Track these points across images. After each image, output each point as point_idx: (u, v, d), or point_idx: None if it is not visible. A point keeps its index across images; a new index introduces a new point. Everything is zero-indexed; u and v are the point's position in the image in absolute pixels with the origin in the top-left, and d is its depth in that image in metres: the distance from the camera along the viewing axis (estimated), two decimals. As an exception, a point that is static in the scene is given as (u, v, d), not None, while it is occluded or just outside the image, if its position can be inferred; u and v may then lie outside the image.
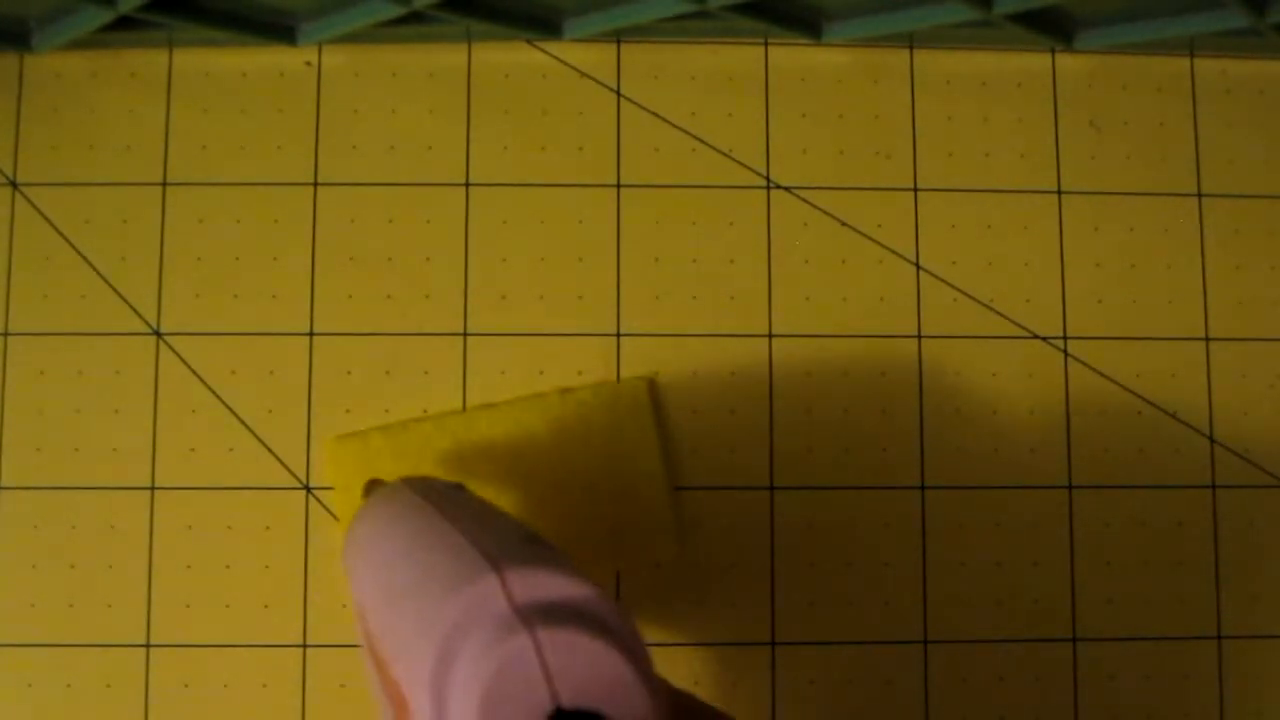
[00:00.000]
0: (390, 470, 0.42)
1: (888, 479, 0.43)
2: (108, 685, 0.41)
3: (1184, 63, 0.46)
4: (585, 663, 0.22)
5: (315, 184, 0.44)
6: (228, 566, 0.42)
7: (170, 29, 0.43)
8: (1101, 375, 0.44)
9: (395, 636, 0.25)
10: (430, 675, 0.22)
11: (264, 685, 0.42)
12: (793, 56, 0.45)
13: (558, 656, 0.21)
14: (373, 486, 0.39)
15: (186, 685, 0.42)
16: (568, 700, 0.21)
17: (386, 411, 0.43)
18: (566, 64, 0.45)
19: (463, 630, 0.22)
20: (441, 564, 0.25)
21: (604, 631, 0.22)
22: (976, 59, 0.45)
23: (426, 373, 0.43)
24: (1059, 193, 0.45)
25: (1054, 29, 0.44)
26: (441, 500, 0.31)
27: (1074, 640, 0.43)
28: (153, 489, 0.42)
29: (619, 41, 0.45)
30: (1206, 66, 0.46)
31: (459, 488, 0.34)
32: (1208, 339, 0.45)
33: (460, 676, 0.21)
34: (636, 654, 0.22)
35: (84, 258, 0.43)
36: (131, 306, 0.43)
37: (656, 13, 0.42)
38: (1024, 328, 0.44)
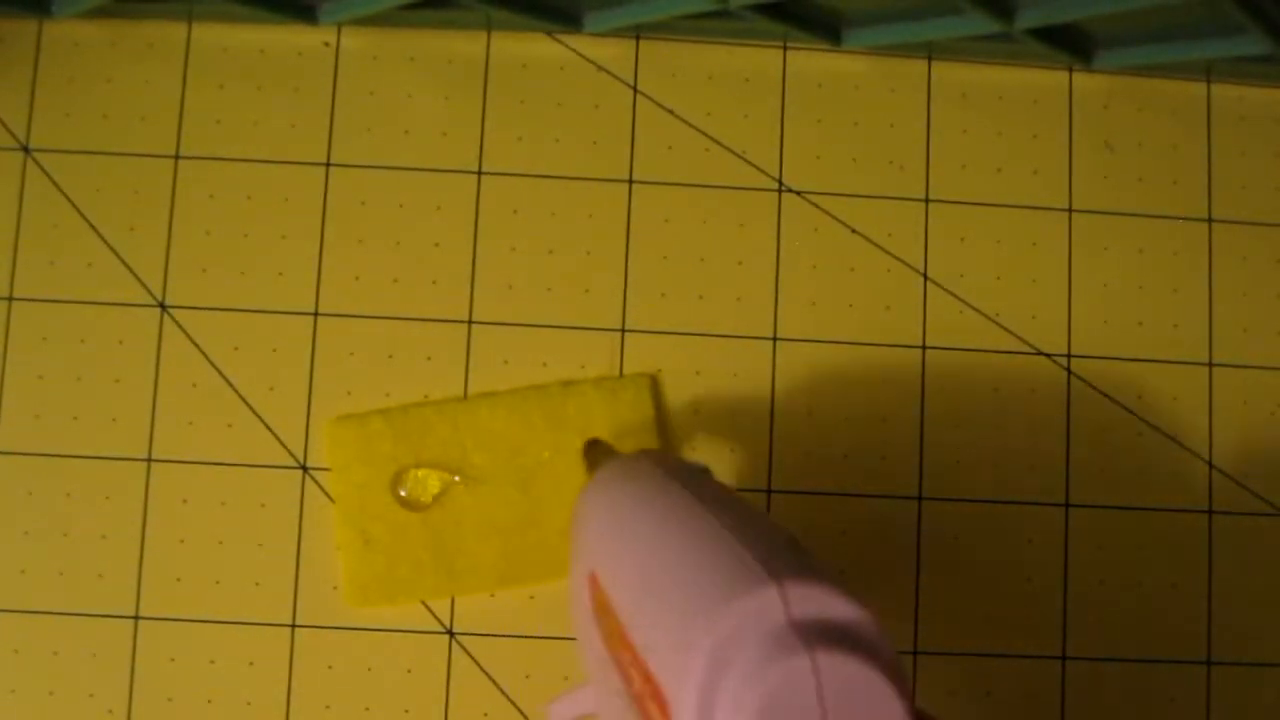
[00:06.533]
0: (388, 454, 0.42)
1: (885, 488, 0.43)
2: (94, 655, 0.41)
3: (1201, 87, 0.46)
4: (858, 691, 0.21)
5: (328, 164, 0.44)
6: (220, 542, 0.42)
7: (190, 2, 0.43)
8: (1103, 395, 0.44)
9: (653, 627, 0.25)
10: (700, 680, 0.21)
11: (251, 663, 0.42)
12: (811, 61, 0.45)
13: (833, 681, 0.21)
14: (594, 447, 0.37)
15: (173, 659, 0.41)
16: None
17: (387, 395, 0.43)
18: (585, 58, 0.45)
19: (738, 641, 0.21)
20: (714, 564, 0.24)
21: (877, 659, 0.21)
22: (994, 73, 0.45)
23: (429, 358, 0.43)
24: (1070, 211, 0.45)
25: (1074, 47, 0.44)
26: (699, 488, 0.29)
27: (1063, 659, 0.43)
28: (149, 460, 0.42)
29: (638, 38, 0.45)
30: (1223, 92, 0.46)
31: (704, 471, 0.33)
32: (1211, 364, 0.45)
33: (732, 686, 0.21)
34: (904, 686, 0.22)
35: (92, 226, 0.43)
36: (138, 277, 0.43)
37: (678, 9, 0.42)
38: (1028, 344, 0.44)
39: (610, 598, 0.28)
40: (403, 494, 0.42)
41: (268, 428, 0.43)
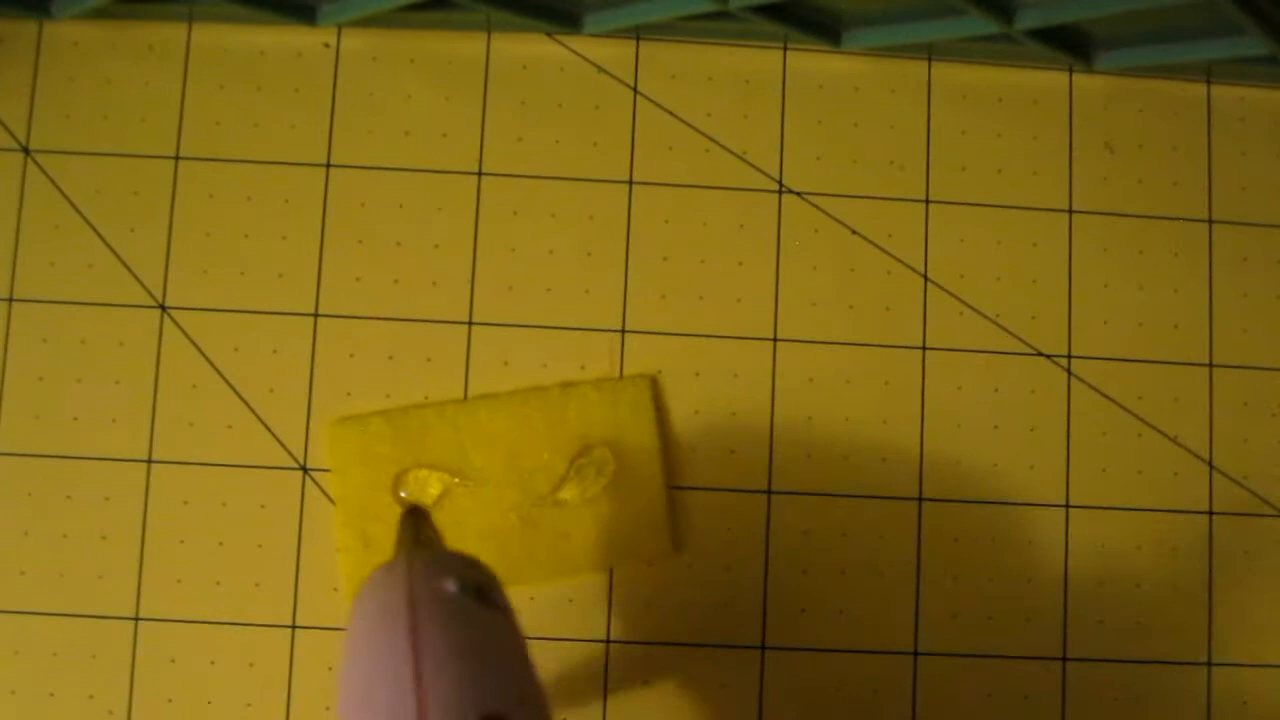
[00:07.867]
0: (388, 456, 0.42)
1: (886, 489, 0.43)
2: (94, 656, 0.41)
3: (1201, 88, 0.46)
4: None
5: (328, 165, 0.44)
6: (220, 543, 0.42)
7: (190, 3, 0.43)
8: (1103, 396, 0.44)
9: None
10: None
11: (250, 664, 0.41)
12: (811, 62, 0.45)
13: None
14: (409, 517, 0.35)
15: (173, 660, 0.41)
16: None
17: (387, 396, 0.43)
18: (585, 58, 0.45)
19: None
20: None
21: None
22: (994, 74, 0.45)
23: (429, 359, 0.43)
24: (1070, 211, 0.45)
25: (1074, 48, 0.44)
26: (428, 626, 0.27)
27: (1064, 660, 0.43)
28: (149, 462, 0.42)
29: (638, 39, 0.45)
30: (1223, 93, 0.46)
31: (481, 591, 0.29)
32: (1211, 365, 0.45)
33: None
34: None
35: (93, 227, 0.43)
36: (138, 279, 0.43)
37: (678, 10, 0.42)
38: (1028, 344, 0.44)
39: None
40: (403, 495, 0.42)
41: (268, 429, 0.43)
